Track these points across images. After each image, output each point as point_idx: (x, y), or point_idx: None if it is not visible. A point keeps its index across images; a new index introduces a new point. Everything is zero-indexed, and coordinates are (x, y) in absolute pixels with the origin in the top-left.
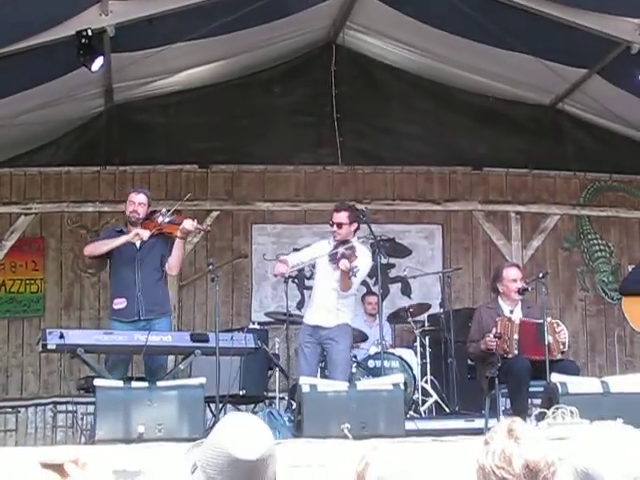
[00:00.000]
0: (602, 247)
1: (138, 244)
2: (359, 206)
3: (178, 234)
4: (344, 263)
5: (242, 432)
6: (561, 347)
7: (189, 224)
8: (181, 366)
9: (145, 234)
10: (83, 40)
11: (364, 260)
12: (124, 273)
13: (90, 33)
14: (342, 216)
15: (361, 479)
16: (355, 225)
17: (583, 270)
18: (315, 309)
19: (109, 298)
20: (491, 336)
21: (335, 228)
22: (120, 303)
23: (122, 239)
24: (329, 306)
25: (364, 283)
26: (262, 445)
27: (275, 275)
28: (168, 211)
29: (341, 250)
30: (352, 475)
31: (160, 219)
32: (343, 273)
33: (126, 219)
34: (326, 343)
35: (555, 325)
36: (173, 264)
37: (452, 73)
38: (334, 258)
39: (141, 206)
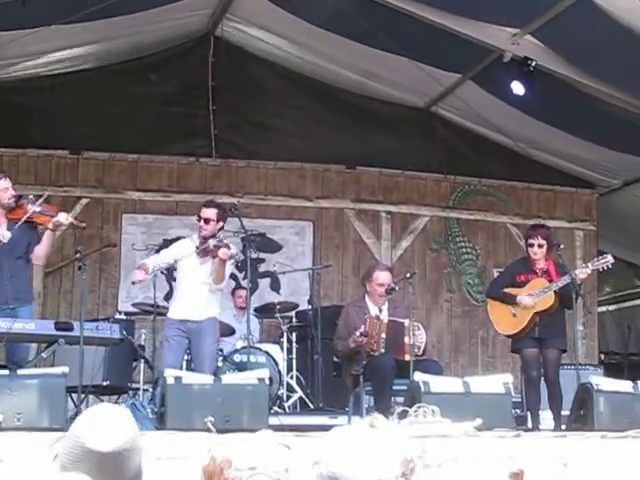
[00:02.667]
0: (469, 250)
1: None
2: (231, 199)
3: (50, 226)
4: (224, 251)
5: (100, 422)
6: (415, 350)
7: (64, 218)
8: (44, 354)
9: (6, 235)
10: None
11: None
12: None
13: None
14: (211, 212)
15: (207, 474)
16: (221, 224)
17: (450, 271)
18: (183, 303)
19: None
20: (357, 334)
21: (202, 223)
22: None
23: None
24: (199, 300)
25: (233, 277)
26: (118, 437)
27: (133, 282)
28: (37, 199)
29: (213, 242)
30: (199, 470)
31: (29, 207)
32: (220, 264)
33: (1, 206)
34: (194, 337)
35: (415, 328)
36: (41, 254)
37: (330, 71)
38: (205, 252)
39: (9, 190)
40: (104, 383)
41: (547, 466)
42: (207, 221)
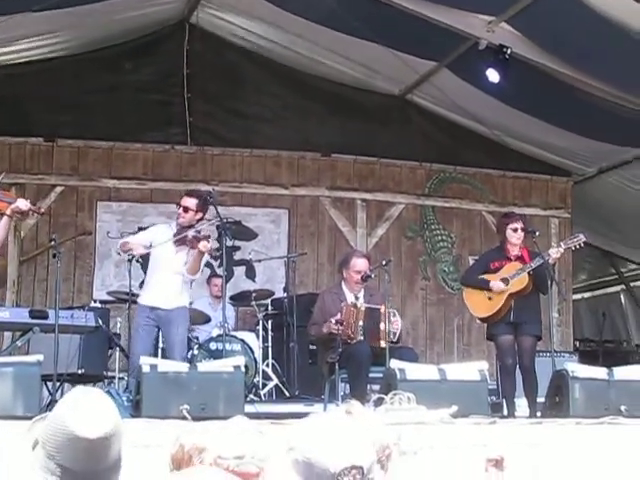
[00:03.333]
0: (444, 237)
1: None
2: (207, 187)
3: (7, 212)
4: (205, 244)
5: (84, 408)
6: (391, 337)
7: (23, 204)
8: (18, 343)
9: None
10: None
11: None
12: None
13: None
14: (191, 202)
15: (176, 461)
16: (200, 215)
17: (425, 259)
18: (155, 291)
19: None
20: (333, 321)
21: (181, 211)
22: None
23: None
24: (171, 289)
25: (209, 265)
26: (104, 423)
27: (132, 257)
28: None
29: (191, 233)
30: (167, 457)
31: None
32: (197, 255)
33: None
34: (164, 325)
35: (391, 314)
36: None
37: (305, 58)
38: (183, 241)
39: None
40: (79, 371)
41: (522, 453)
42: (186, 209)
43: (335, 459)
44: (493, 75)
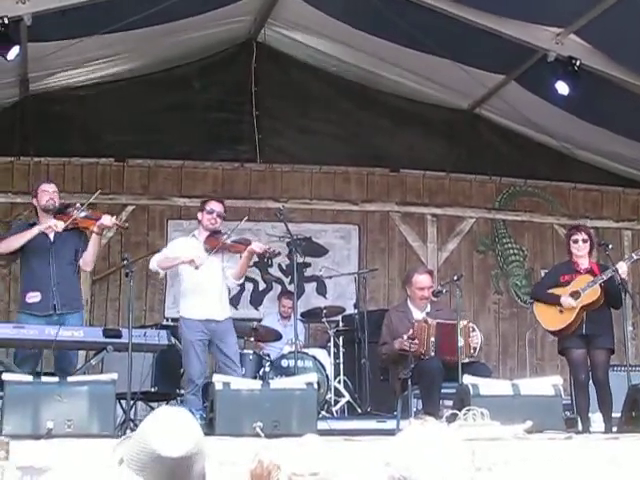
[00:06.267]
0: (516, 251)
1: (52, 237)
2: (276, 204)
3: (95, 229)
4: (259, 245)
5: (167, 427)
6: (471, 351)
7: (107, 220)
8: (92, 362)
9: (59, 225)
10: None
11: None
12: (38, 266)
13: (6, 21)
14: (222, 208)
15: (255, 477)
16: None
17: (497, 273)
18: (206, 303)
19: (19, 291)
20: (405, 337)
21: (214, 216)
22: (34, 297)
23: (35, 230)
24: (222, 299)
25: (280, 281)
26: (187, 442)
27: (197, 267)
28: (82, 205)
29: (231, 238)
30: (245, 474)
31: (75, 213)
32: (246, 258)
33: (41, 209)
34: (220, 337)
35: (470, 329)
36: (88, 260)
37: (372, 74)
38: (223, 247)
39: (55, 194)
40: (153, 389)
41: (599, 468)
42: (220, 215)
43: (431, 477)
44: (562, 87)
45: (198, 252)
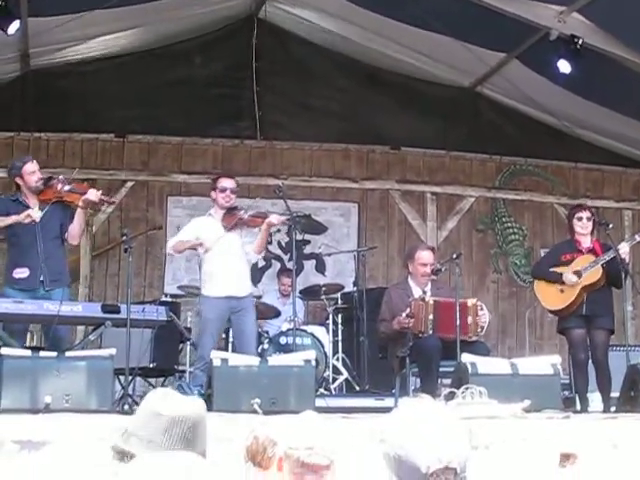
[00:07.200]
0: (516, 230)
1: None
2: (276, 181)
3: (80, 204)
4: (277, 217)
5: (170, 396)
6: (478, 330)
7: (93, 194)
8: (91, 337)
9: (37, 215)
10: None
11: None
12: (24, 242)
13: None
14: (234, 183)
15: (251, 453)
16: None
17: (496, 252)
18: (227, 280)
19: (6, 265)
20: (404, 315)
21: (228, 193)
22: (22, 272)
23: (10, 220)
24: (243, 275)
25: (279, 259)
26: (193, 405)
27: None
28: (67, 179)
29: (245, 213)
30: (242, 450)
31: (59, 186)
32: (265, 232)
33: (28, 189)
34: (239, 315)
35: (478, 308)
36: (75, 233)
37: (373, 51)
38: (241, 222)
39: (40, 172)
40: (151, 365)
41: (597, 448)
42: (233, 191)
43: (427, 459)
44: (564, 66)
45: (210, 234)
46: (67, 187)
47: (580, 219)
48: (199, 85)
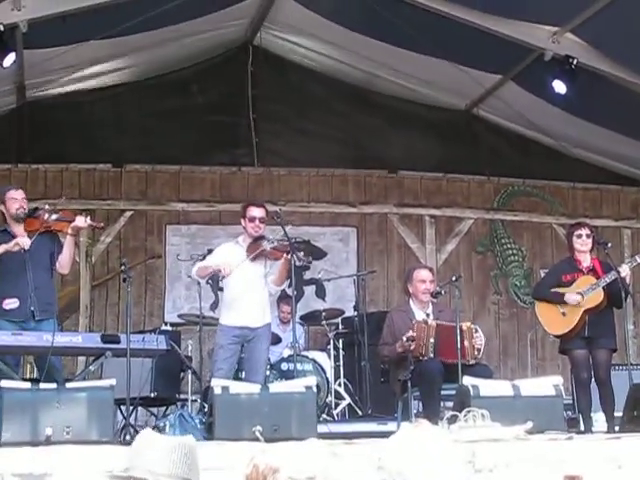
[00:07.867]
0: (515, 251)
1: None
2: (274, 207)
3: (69, 231)
4: (299, 256)
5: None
6: (475, 353)
7: (81, 221)
8: (91, 367)
9: (26, 242)
10: None
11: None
12: (14, 272)
13: (2, 28)
14: (263, 212)
15: None
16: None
17: (496, 274)
18: (243, 310)
19: None
20: (405, 339)
21: (257, 222)
22: (12, 303)
23: (0, 250)
24: (260, 306)
25: None
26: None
27: (223, 277)
28: (53, 209)
29: (269, 244)
30: (241, 478)
31: (46, 216)
32: (285, 265)
33: (10, 217)
34: (250, 342)
35: (473, 330)
36: (64, 263)
37: (368, 76)
38: (262, 254)
39: (24, 201)
40: (152, 394)
41: (601, 469)
42: (262, 220)
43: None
44: (560, 86)
45: (228, 261)
46: (54, 216)
47: (580, 236)
48: (195, 113)
